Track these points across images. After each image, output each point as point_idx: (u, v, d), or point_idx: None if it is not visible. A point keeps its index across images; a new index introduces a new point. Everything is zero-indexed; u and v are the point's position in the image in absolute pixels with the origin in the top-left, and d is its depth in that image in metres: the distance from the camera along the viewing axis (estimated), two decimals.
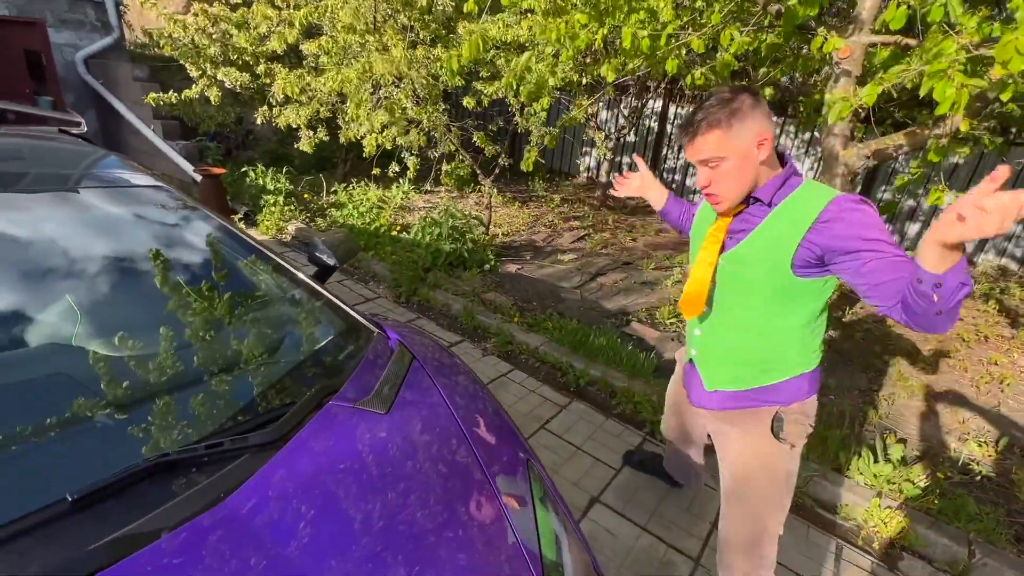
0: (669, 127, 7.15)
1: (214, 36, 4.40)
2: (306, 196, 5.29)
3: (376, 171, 4.55)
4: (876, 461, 2.12)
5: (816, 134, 6.22)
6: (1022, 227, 5.25)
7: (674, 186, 7.31)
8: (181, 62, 4.56)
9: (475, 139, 4.48)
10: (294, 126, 4.23)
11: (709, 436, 1.45)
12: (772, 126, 1.10)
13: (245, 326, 1.20)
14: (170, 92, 4.49)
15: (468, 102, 4.35)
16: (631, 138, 7.43)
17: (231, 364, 1.09)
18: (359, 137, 4.04)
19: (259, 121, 4.29)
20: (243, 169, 5.27)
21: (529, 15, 3.44)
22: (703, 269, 1.20)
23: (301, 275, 1.42)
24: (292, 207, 4.85)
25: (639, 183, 1.60)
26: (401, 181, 5.71)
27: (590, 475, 2.12)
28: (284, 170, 5.14)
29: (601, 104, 7.38)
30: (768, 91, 3.62)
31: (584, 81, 4.98)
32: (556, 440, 2.31)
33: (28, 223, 1.16)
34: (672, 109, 7.06)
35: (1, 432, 0.84)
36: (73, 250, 1.18)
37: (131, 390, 0.98)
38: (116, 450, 0.86)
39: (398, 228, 4.67)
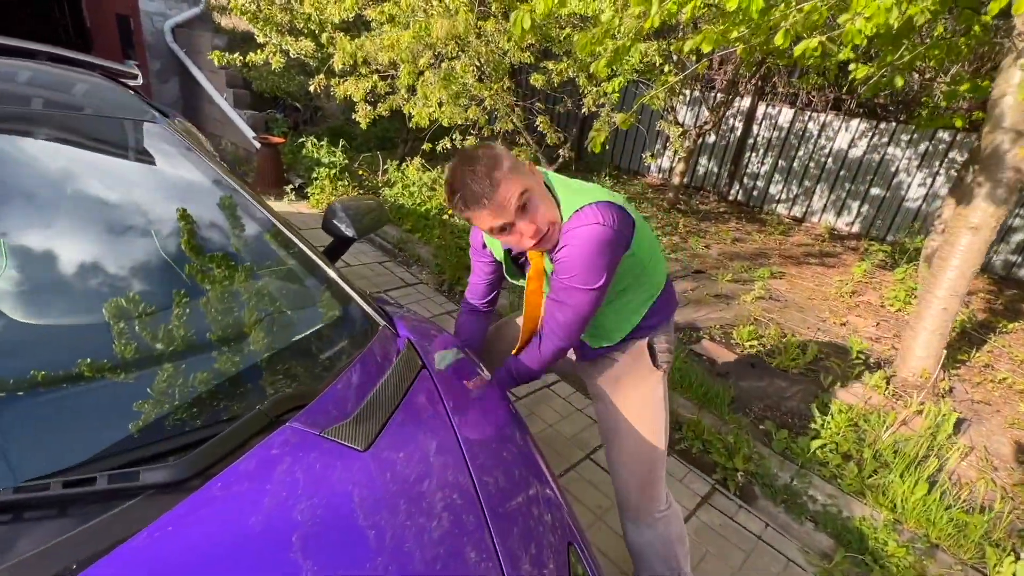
0: (756, 128, 6.45)
1: (277, 2, 4.28)
2: (361, 172, 5.12)
3: (427, 147, 4.28)
4: None
5: (930, 146, 5.36)
6: None
7: (755, 193, 6.61)
8: (251, 26, 4.49)
9: (538, 123, 4.10)
10: (354, 99, 4.02)
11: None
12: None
13: (195, 304, 0.89)
14: (235, 55, 4.42)
15: (536, 79, 3.99)
16: (711, 138, 6.79)
17: (155, 358, 0.77)
18: (411, 111, 3.77)
19: (312, 89, 4.12)
20: (300, 140, 5.17)
21: None
22: (537, 301, 1.22)
23: (298, 242, 1.09)
24: (345, 183, 4.68)
25: None
26: None
27: None
28: (340, 145, 4.98)
29: (680, 101, 6.78)
30: (899, 81, 2.99)
31: (667, 68, 4.48)
32: (603, 476, 1.89)
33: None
34: (762, 108, 6.36)
35: None
36: (21, 184, 0.93)
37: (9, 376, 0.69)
38: None
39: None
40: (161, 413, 0.69)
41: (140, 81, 2.26)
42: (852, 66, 2.92)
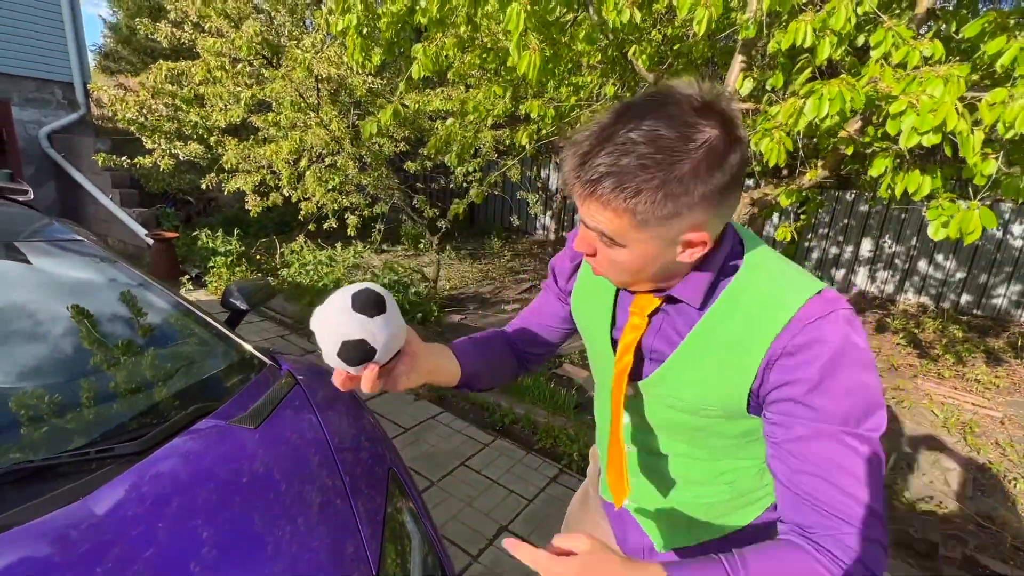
0: None
1: (164, 114, 4.69)
2: (258, 257, 5.44)
3: (312, 227, 4.77)
4: None
5: None
6: (934, 268, 5.74)
7: None
8: (138, 135, 4.82)
9: (416, 202, 4.79)
10: (243, 191, 4.46)
11: None
12: (725, 205, 0.58)
13: (139, 358, 1.33)
14: (123, 157, 4.70)
15: (410, 166, 4.70)
16: None
17: (119, 390, 1.22)
18: (298, 200, 4.30)
19: (204, 186, 4.51)
20: (194, 233, 5.42)
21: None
22: (615, 415, 0.79)
23: (205, 316, 1.56)
24: (243, 268, 4.98)
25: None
26: (355, 242, 5.94)
27: (503, 506, 2.20)
28: (236, 233, 5.31)
29: (553, 168, 7.93)
30: None
31: (525, 147, 5.44)
32: (474, 476, 2.39)
33: None
34: None
35: None
36: None
37: (14, 405, 1.09)
38: None
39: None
40: (128, 418, 1.14)
41: (31, 197, 2.58)
42: None
